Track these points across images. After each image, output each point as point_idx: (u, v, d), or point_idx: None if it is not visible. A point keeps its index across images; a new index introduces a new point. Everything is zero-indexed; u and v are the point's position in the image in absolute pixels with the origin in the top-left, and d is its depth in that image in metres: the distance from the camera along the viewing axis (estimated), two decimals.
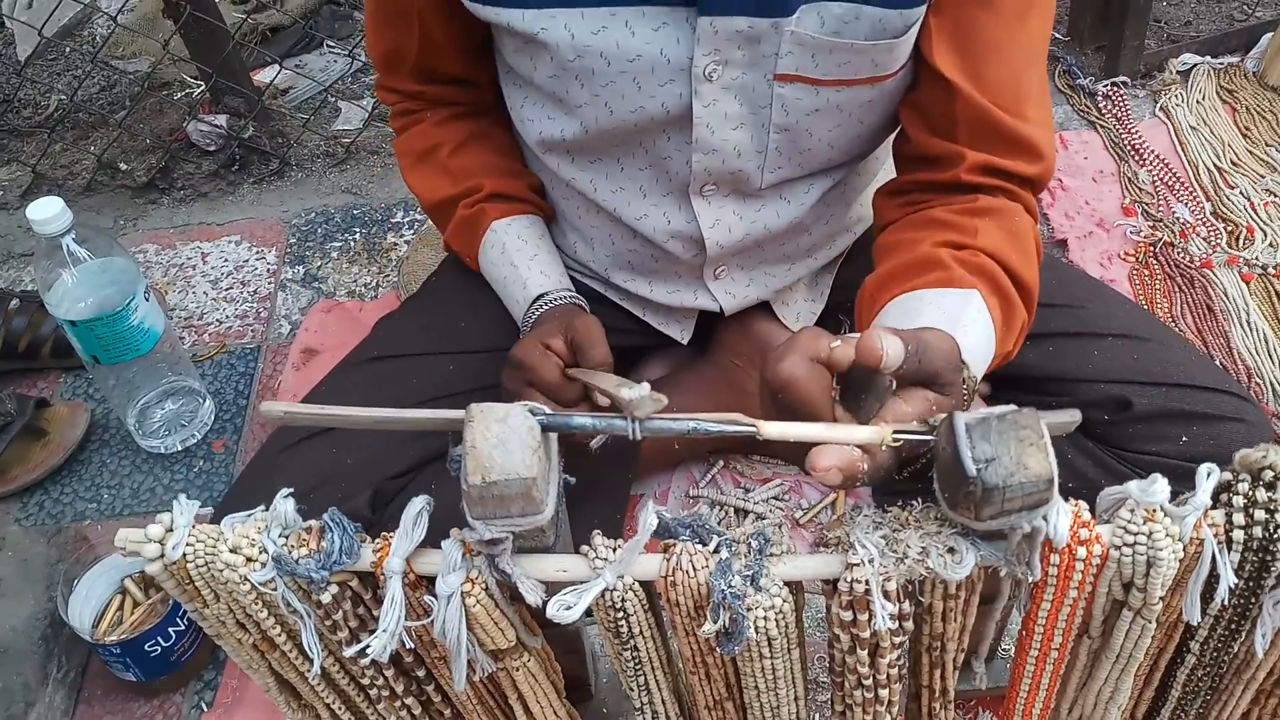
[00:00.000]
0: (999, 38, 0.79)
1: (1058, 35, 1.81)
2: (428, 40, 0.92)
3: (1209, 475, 0.53)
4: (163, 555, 0.56)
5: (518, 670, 0.62)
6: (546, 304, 0.95)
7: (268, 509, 0.56)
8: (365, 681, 0.64)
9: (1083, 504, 0.53)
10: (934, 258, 0.77)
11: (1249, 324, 1.31)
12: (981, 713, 1.01)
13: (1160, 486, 0.51)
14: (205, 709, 1.06)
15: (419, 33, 0.91)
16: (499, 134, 1.02)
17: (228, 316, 1.48)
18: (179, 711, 1.06)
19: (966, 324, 0.71)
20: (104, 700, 1.08)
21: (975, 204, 0.82)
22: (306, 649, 0.59)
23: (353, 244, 1.57)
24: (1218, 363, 1.27)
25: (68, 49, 2.04)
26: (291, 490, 0.56)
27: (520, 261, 0.97)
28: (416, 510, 0.54)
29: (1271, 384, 1.25)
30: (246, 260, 1.56)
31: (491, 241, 0.98)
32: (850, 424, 0.52)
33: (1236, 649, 0.61)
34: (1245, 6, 1.86)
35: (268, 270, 1.54)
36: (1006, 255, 0.78)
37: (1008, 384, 1.06)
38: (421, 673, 0.64)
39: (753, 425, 0.52)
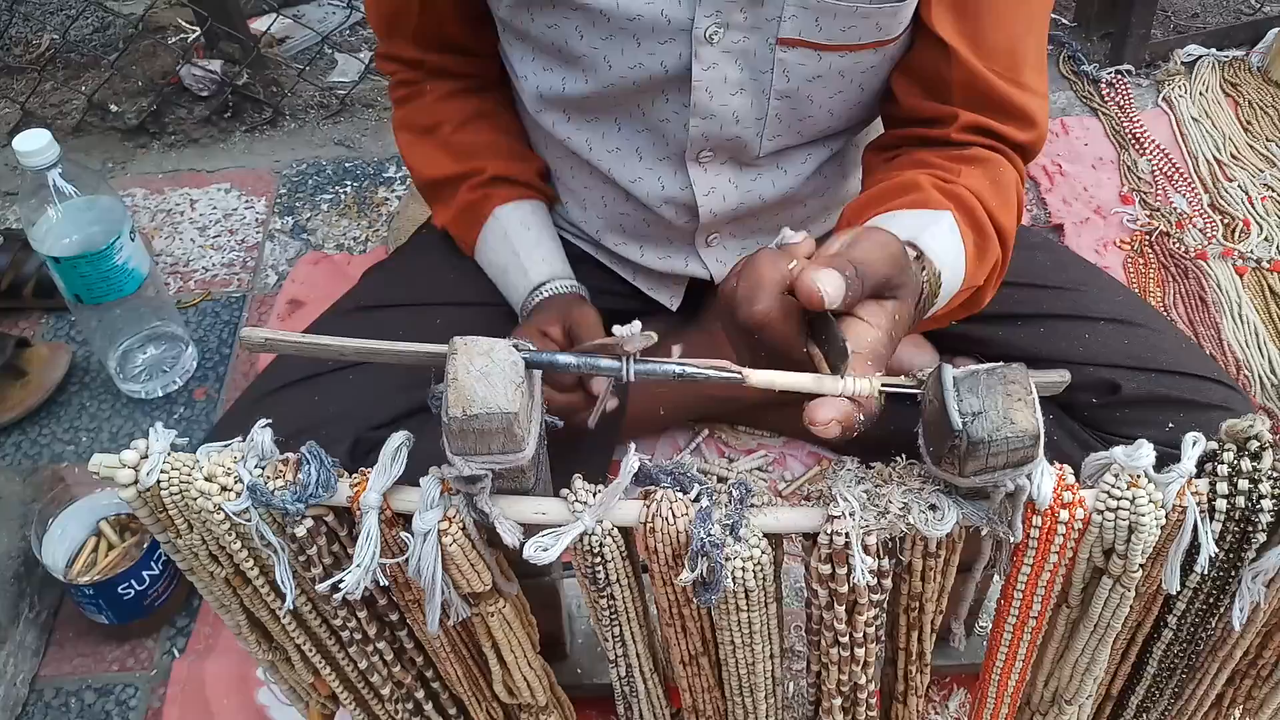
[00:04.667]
0: (999, 2, 0.78)
1: (1064, 21, 1.80)
2: (428, 3, 0.90)
3: (1194, 444, 0.53)
4: (136, 481, 0.55)
5: (492, 617, 0.61)
6: (546, 292, 0.94)
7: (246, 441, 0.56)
8: (338, 623, 0.63)
9: (1067, 467, 0.53)
10: (911, 181, 0.76)
11: (1240, 316, 1.31)
12: (956, 690, 1.01)
13: (1145, 452, 0.51)
14: (177, 655, 1.05)
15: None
16: (504, 114, 1.00)
17: (214, 264, 1.46)
18: (150, 656, 1.06)
19: (934, 231, 0.69)
20: (75, 642, 1.07)
21: (963, 152, 0.81)
22: (279, 584, 0.58)
23: (343, 197, 1.56)
24: (1208, 353, 1.27)
25: None
26: (270, 422, 0.56)
27: (523, 249, 0.95)
28: (396, 445, 0.53)
29: (1260, 376, 1.25)
30: (235, 209, 1.54)
31: (494, 228, 0.96)
32: (830, 374, 0.51)
33: (1214, 625, 0.61)
34: (1252, 1, 1.85)
35: (256, 220, 1.53)
36: (987, 198, 0.77)
37: (997, 363, 1.05)
38: (395, 617, 0.64)
39: (739, 373, 0.51)
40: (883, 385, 0.50)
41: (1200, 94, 1.65)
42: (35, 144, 1.06)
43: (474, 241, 0.98)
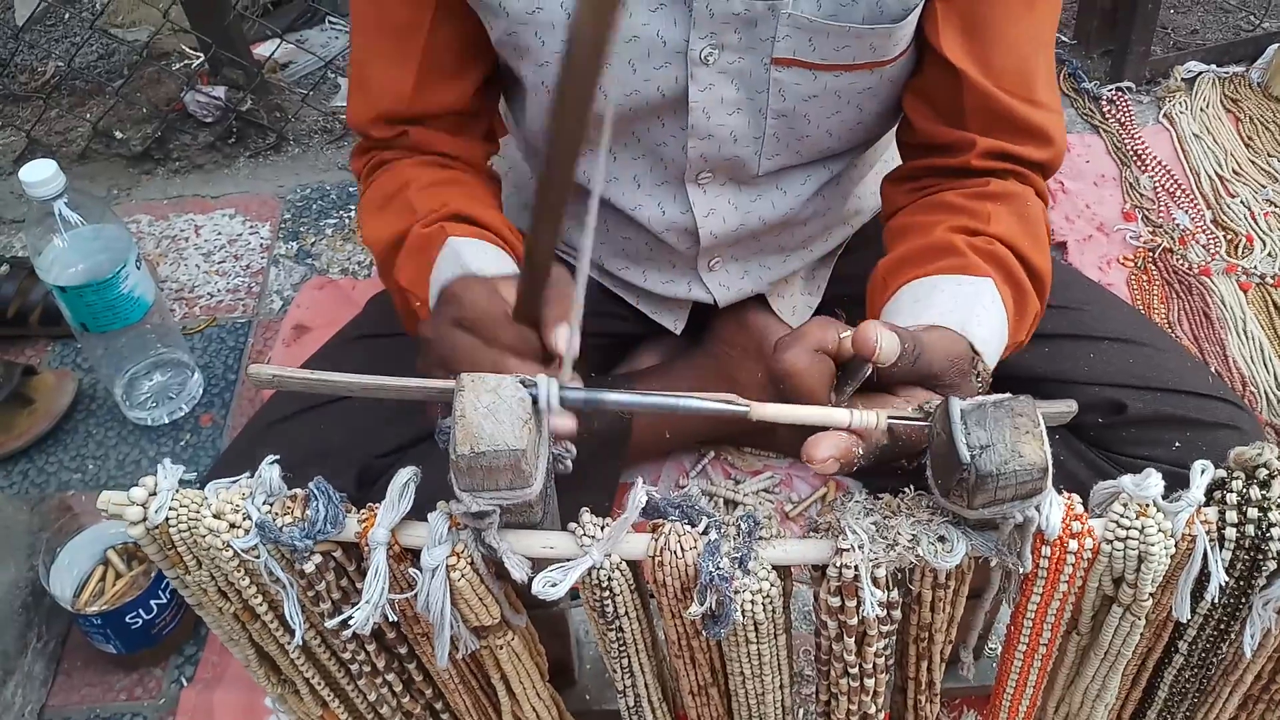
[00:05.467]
0: (1007, 23, 0.79)
1: (1064, 38, 1.81)
2: (431, 50, 0.83)
3: (1203, 472, 0.52)
4: (145, 519, 0.55)
5: (501, 649, 0.61)
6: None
7: (253, 476, 0.56)
8: (346, 656, 0.63)
9: (1075, 497, 0.53)
10: (948, 243, 0.76)
11: (1245, 332, 1.31)
12: (966, 712, 1.00)
13: (1154, 481, 0.51)
14: (185, 684, 1.05)
15: (425, 39, 0.82)
16: (481, 184, 0.90)
17: (219, 290, 1.47)
18: (159, 685, 1.06)
19: (980, 314, 0.70)
20: (83, 671, 1.07)
21: (987, 188, 0.81)
22: (288, 620, 0.58)
23: (348, 222, 1.56)
24: (1213, 370, 1.26)
25: (66, 15, 2.02)
26: (278, 458, 0.56)
27: (475, 266, 0.75)
28: (404, 481, 0.53)
29: (1266, 393, 1.25)
30: (240, 234, 1.55)
31: (446, 256, 0.76)
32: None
33: (1225, 650, 0.61)
34: (1252, 17, 1.85)
35: (261, 245, 1.53)
36: (1019, 242, 0.77)
37: (1003, 384, 1.05)
38: (404, 649, 0.64)
39: (745, 406, 0.51)
40: (890, 418, 0.50)
41: (1201, 110, 1.65)
42: (41, 174, 1.06)
43: (424, 295, 0.78)
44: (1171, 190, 1.52)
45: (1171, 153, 1.59)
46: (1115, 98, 1.68)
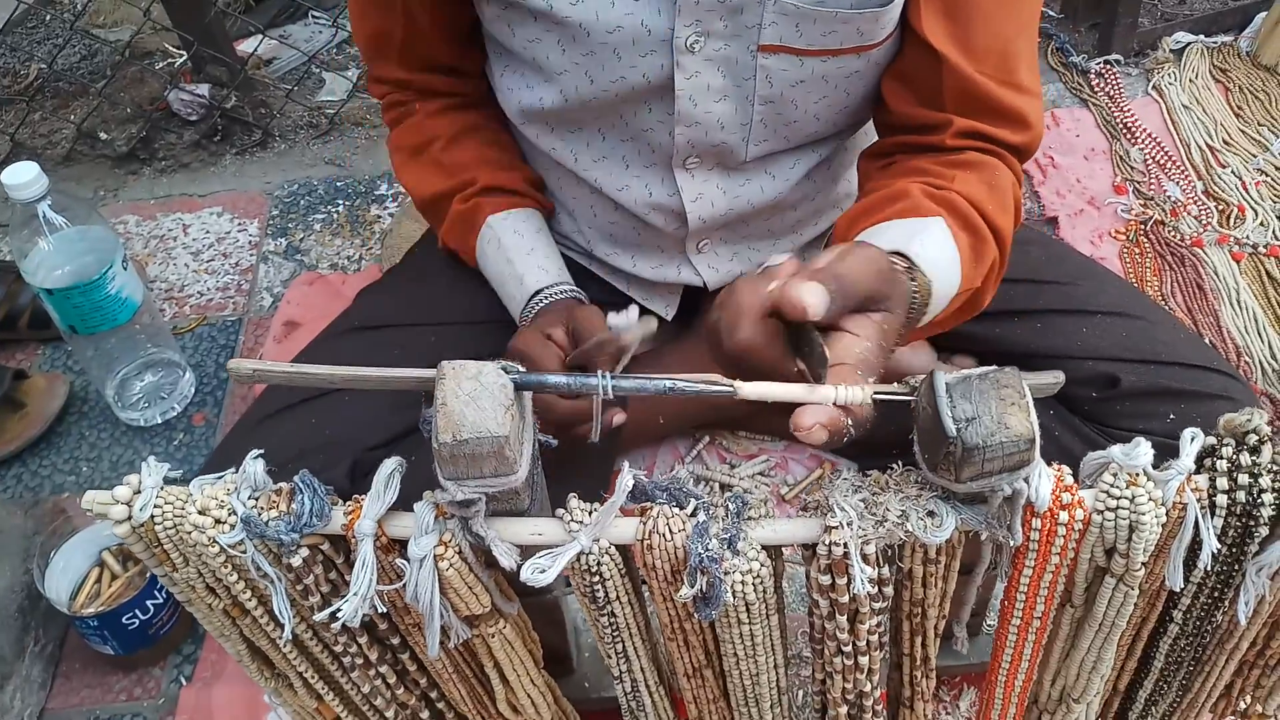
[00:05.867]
0: (989, 5, 0.78)
1: (1051, 13, 1.80)
2: (412, 27, 0.89)
3: (1193, 439, 0.52)
4: (130, 517, 0.55)
5: (493, 637, 0.61)
6: (545, 299, 0.92)
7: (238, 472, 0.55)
8: (338, 649, 0.63)
9: (1065, 468, 0.52)
10: (901, 190, 0.75)
11: (1239, 303, 1.31)
12: (966, 689, 1.00)
13: (1143, 450, 0.50)
14: (184, 682, 1.05)
15: (403, 18, 0.89)
16: (494, 127, 0.98)
17: (209, 288, 1.46)
18: (158, 685, 1.06)
19: (924, 239, 0.69)
20: (82, 673, 1.07)
21: (959, 157, 0.81)
22: (277, 614, 0.58)
23: (336, 216, 1.55)
24: (1207, 341, 1.26)
25: (48, 16, 2.01)
26: (262, 452, 0.55)
27: (517, 257, 0.93)
28: (388, 472, 0.53)
29: (1260, 362, 1.25)
30: (228, 232, 1.54)
31: (487, 237, 0.94)
32: (821, 383, 0.51)
33: (1220, 618, 0.61)
34: None
35: (249, 242, 1.53)
36: (981, 201, 0.76)
37: (995, 360, 1.04)
38: (396, 640, 0.64)
39: (730, 386, 0.51)
40: (875, 394, 0.50)
41: (1190, 81, 1.65)
42: (23, 177, 1.06)
43: (472, 253, 0.97)
44: (1162, 162, 1.52)
45: (1161, 124, 1.58)
46: (1104, 71, 1.67)
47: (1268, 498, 0.52)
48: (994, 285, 0.81)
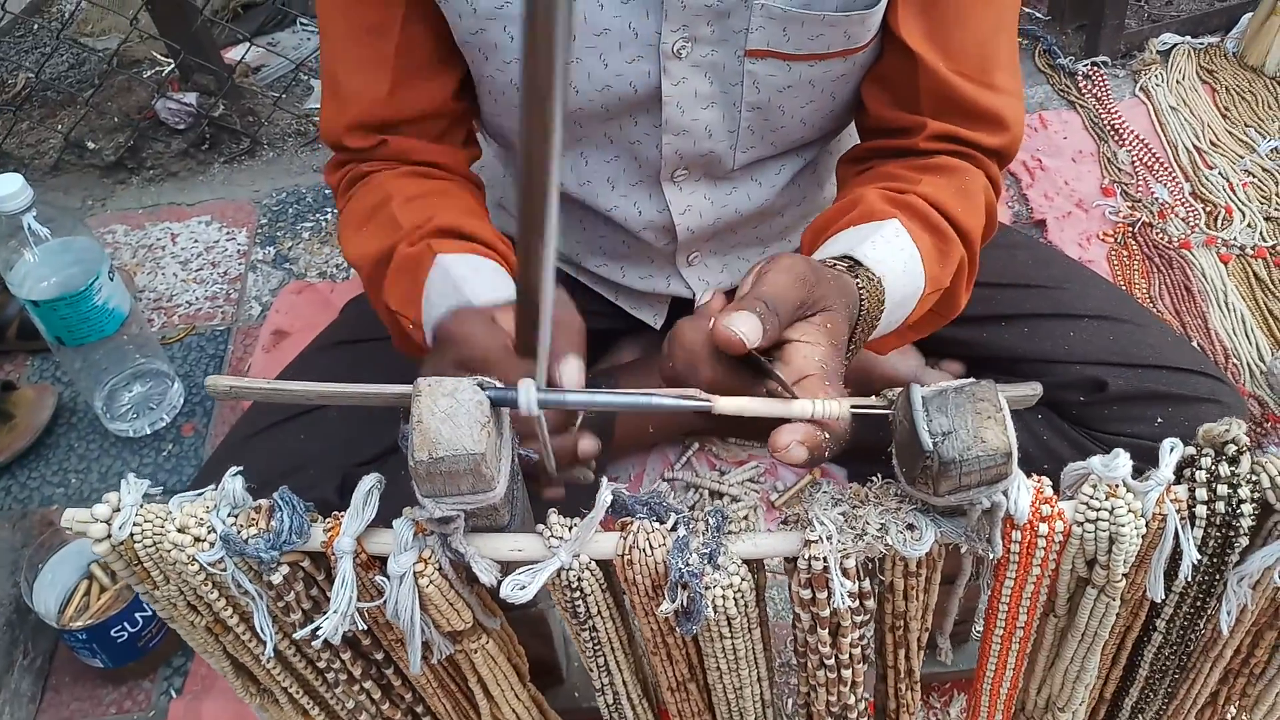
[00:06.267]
0: (967, 5, 0.78)
1: (1038, 15, 1.80)
2: (404, 50, 0.80)
3: (1172, 450, 0.52)
4: (109, 536, 0.55)
5: (476, 653, 0.61)
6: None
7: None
8: (322, 665, 0.63)
9: (1045, 480, 0.52)
10: (858, 197, 0.75)
11: (1227, 305, 1.31)
12: (956, 695, 1.00)
13: (1122, 461, 0.50)
14: (174, 695, 1.05)
15: (398, 38, 0.79)
16: (467, 192, 0.86)
17: (197, 298, 1.46)
18: (148, 698, 1.05)
19: (875, 240, 0.69)
20: (72, 687, 1.06)
21: (929, 161, 0.80)
22: (259, 631, 0.58)
23: (324, 224, 1.55)
24: (1195, 343, 1.26)
25: (35, 25, 2.00)
26: (241, 470, 0.55)
27: (468, 286, 0.71)
28: (367, 489, 0.53)
29: (1248, 365, 1.25)
30: (216, 241, 1.54)
31: (436, 279, 0.73)
32: (799, 399, 0.51)
33: (1203, 627, 0.61)
34: None
35: (238, 251, 1.52)
36: (944, 202, 0.76)
37: (983, 365, 1.05)
38: (380, 655, 0.63)
39: (708, 400, 0.51)
40: (852, 407, 0.50)
41: (1177, 82, 1.65)
42: (8, 189, 1.05)
43: (419, 316, 0.74)
44: (1149, 164, 1.52)
45: (1149, 126, 1.58)
46: (1091, 73, 1.68)
47: (1246, 508, 0.52)
48: (968, 286, 0.81)
